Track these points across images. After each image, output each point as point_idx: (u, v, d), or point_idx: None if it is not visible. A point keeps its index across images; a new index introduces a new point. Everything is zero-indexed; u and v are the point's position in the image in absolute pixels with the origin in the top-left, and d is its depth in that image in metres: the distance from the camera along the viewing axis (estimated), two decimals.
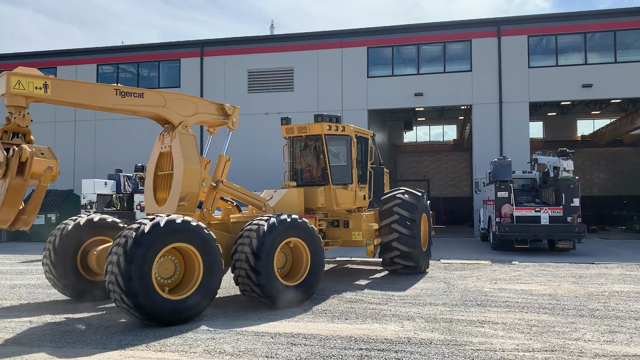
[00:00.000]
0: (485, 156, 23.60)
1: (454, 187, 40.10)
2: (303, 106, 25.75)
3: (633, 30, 24.28)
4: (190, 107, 9.28)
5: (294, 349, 6.24)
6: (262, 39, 28.36)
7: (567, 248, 17.09)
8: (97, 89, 8.18)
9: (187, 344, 6.52)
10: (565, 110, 35.53)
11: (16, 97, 7.04)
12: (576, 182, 16.89)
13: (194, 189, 8.94)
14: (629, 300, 9.18)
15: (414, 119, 37.15)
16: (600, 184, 38.03)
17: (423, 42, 26.20)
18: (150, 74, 29.67)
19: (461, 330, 7.10)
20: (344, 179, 11.43)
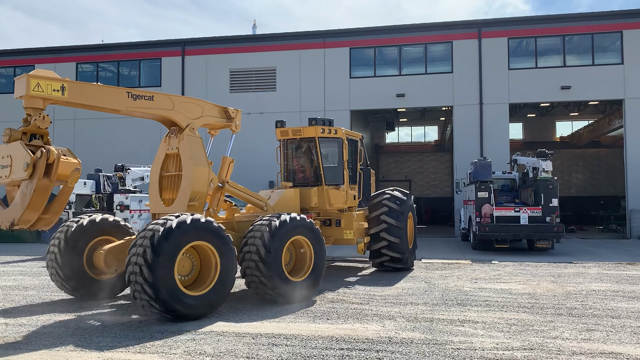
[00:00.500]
0: (466, 157, 23.82)
1: (435, 187, 40.40)
2: (285, 106, 25.74)
3: (610, 34, 24.73)
4: (197, 110, 9.51)
5: (275, 350, 6.22)
6: (244, 39, 28.26)
7: (546, 248, 17.32)
8: (111, 91, 8.35)
9: (167, 345, 6.45)
10: (545, 111, 36.00)
11: (35, 99, 7.20)
12: (555, 182, 17.12)
13: (203, 189, 9.19)
14: (606, 298, 9.33)
15: (396, 120, 37.33)
16: (579, 185, 38.63)
17: (405, 44, 26.36)
18: (130, 73, 29.37)
19: (442, 329, 7.14)
20: (336, 180, 11.84)
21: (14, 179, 7.11)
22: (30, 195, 6.97)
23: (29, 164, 6.90)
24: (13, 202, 7.26)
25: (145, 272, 7.11)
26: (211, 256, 7.96)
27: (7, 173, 7.11)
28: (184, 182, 9.05)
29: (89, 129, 28.01)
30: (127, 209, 17.17)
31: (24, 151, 6.98)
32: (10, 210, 7.22)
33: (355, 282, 11.26)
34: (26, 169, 6.89)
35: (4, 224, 7.24)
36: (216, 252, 7.93)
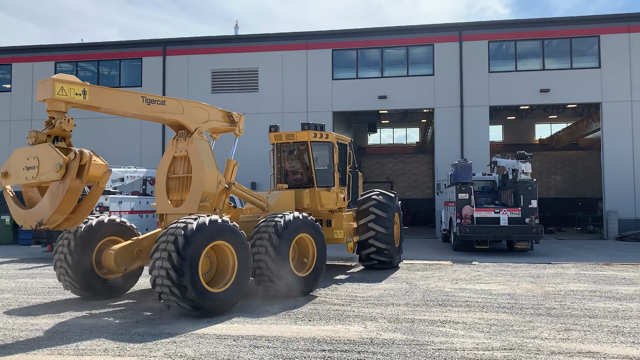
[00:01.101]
0: (446, 158, 24.03)
1: (417, 188, 40.65)
2: (268, 107, 25.70)
3: (587, 38, 25.16)
4: (204, 115, 9.81)
5: (256, 352, 6.19)
6: (226, 39, 28.13)
7: (525, 248, 17.52)
8: (127, 96, 8.59)
9: (147, 348, 6.39)
10: (524, 114, 36.48)
11: (58, 102, 7.42)
12: (534, 184, 17.33)
13: (212, 191, 9.52)
14: (584, 299, 9.47)
15: (378, 122, 37.49)
16: (557, 186, 39.19)
17: (387, 46, 26.49)
18: (111, 73, 29.03)
19: (423, 330, 7.18)
20: (327, 182, 12.38)
21: (44, 179, 7.22)
22: (62, 196, 7.11)
23: (62, 165, 7.06)
24: (40, 203, 7.35)
25: (172, 276, 7.43)
26: (229, 254, 8.35)
27: (34, 174, 7.24)
28: (194, 184, 9.32)
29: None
30: (106, 211, 16.93)
31: (54, 153, 7.14)
32: (37, 210, 7.31)
33: (338, 283, 11.27)
34: (58, 170, 7.04)
35: (29, 223, 7.34)
36: (234, 250, 8.32)
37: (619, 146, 24.22)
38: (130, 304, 9.17)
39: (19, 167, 7.40)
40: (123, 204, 17.72)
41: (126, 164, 21.98)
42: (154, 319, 7.91)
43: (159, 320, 7.85)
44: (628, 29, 24.49)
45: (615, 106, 24.37)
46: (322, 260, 10.15)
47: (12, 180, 7.52)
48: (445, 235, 21.61)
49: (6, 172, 7.54)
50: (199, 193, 9.24)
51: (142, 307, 8.89)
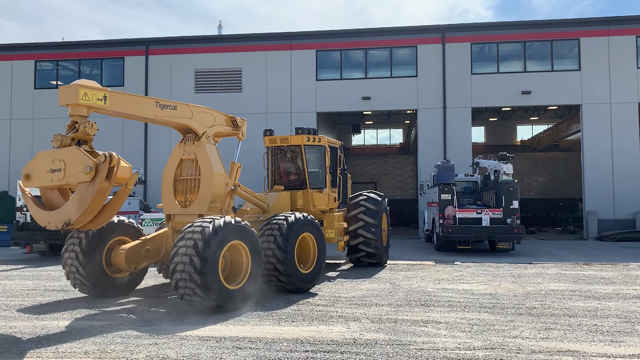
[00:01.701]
0: (429, 159, 24.17)
1: (400, 189, 40.82)
2: (251, 107, 25.60)
3: (568, 41, 25.50)
4: (210, 119, 10.19)
5: (239, 353, 6.17)
6: (209, 39, 27.97)
7: (506, 249, 17.70)
8: (143, 101, 8.99)
9: (128, 350, 6.33)
10: (506, 115, 36.85)
11: (81, 107, 7.73)
12: (515, 185, 17.50)
13: (221, 192, 9.94)
14: (564, 298, 9.60)
15: (362, 123, 37.56)
16: (538, 187, 39.64)
17: (371, 47, 26.58)
18: (92, 72, 28.66)
19: (405, 330, 7.22)
20: (319, 184, 12.96)
21: (71, 181, 7.47)
22: (91, 197, 7.40)
23: (92, 167, 7.33)
24: (67, 204, 7.61)
25: (195, 278, 7.80)
26: (243, 253, 8.78)
27: (60, 176, 7.47)
28: (203, 185, 9.67)
29: (47, 128, 27.22)
30: None
31: (83, 156, 7.42)
32: (64, 211, 7.56)
33: (322, 284, 11.27)
34: (88, 172, 7.32)
35: (54, 224, 7.59)
36: (248, 249, 8.77)
37: (599, 147, 24.59)
38: (112, 307, 9.07)
39: (42, 170, 7.62)
40: None
41: None
42: (136, 321, 7.84)
43: (140, 322, 7.78)
44: (607, 33, 24.89)
45: (595, 108, 24.75)
46: (322, 257, 10.74)
47: (35, 182, 7.74)
48: (428, 235, 21.74)
49: (28, 175, 7.76)
50: (209, 194, 9.61)
51: (124, 310, 8.80)
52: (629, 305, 8.88)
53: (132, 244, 9.73)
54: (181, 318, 8.00)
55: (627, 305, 8.93)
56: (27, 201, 8.07)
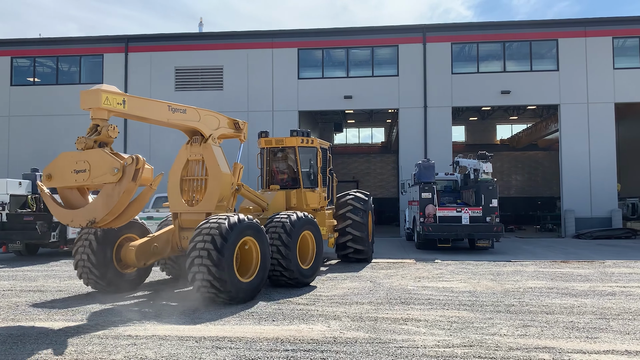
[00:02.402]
0: (410, 158, 24.33)
1: (382, 188, 41.03)
2: (233, 106, 25.47)
3: (546, 41, 25.86)
4: (215, 122, 10.68)
5: (219, 353, 6.14)
6: (190, 37, 27.78)
7: (486, 247, 17.90)
8: (157, 105, 9.34)
9: (106, 350, 6.25)
10: (486, 115, 37.24)
11: (102, 111, 8.08)
12: (495, 184, 17.69)
13: (228, 192, 10.43)
14: (541, 295, 9.74)
15: (344, 121, 37.65)
16: (517, 186, 40.16)
17: (352, 46, 26.64)
18: (70, 69, 28.27)
19: (385, 328, 7.26)
20: (311, 183, 13.55)
21: (97, 182, 7.83)
22: (117, 197, 7.79)
23: (119, 169, 7.73)
24: (92, 203, 8.03)
25: (213, 271, 8.25)
26: (253, 249, 9.32)
27: (85, 177, 7.81)
28: (211, 185, 10.13)
29: (24, 126, 26.82)
30: None
31: (110, 158, 7.80)
32: (89, 210, 7.94)
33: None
34: (115, 174, 7.70)
35: (78, 222, 7.98)
36: (258, 245, 9.31)
37: (576, 147, 24.99)
38: (89, 307, 8.96)
39: (65, 170, 7.94)
40: None
41: None
42: (114, 321, 7.74)
43: (119, 322, 7.69)
44: (584, 34, 25.29)
45: (573, 108, 25.14)
46: (320, 253, 11.29)
47: (56, 182, 8.04)
48: (409, 233, 21.87)
49: (50, 175, 8.04)
50: (217, 194, 10.08)
51: (103, 311, 8.69)
52: (604, 302, 9.04)
53: (141, 240, 10.09)
54: (159, 318, 7.93)
55: (603, 302, 9.09)
56: (47, 200, 8.36)
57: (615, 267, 13.81)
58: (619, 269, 13.33)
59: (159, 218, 15.78)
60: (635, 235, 23.89)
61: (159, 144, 25.03)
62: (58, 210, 8.18)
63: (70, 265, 14.86)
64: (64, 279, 12.17)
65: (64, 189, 8.22)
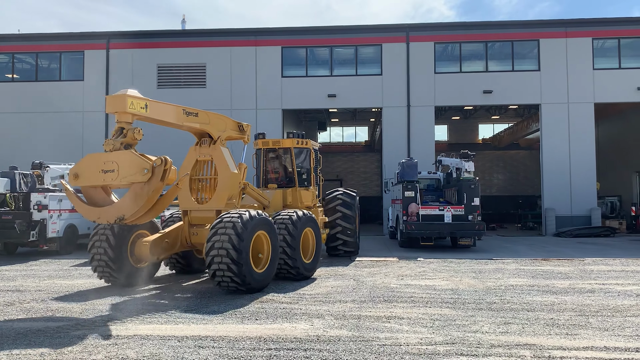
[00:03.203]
0: (394, 157, 24.42)
1: (366, 186, 41.14)
2: (216, 103, 25.26)
3: (528, 42, 26.13)
4: (223, 124, 11.23)
5: (201, 352, 6.10)
6: (173, 34, 27.55)
7: (468, 245, 18.04)
8: (173, 109, 9.96)
9: (86, 350, 6.17)
10: (468, 114, 37.56)
11: (127, 114, 8.62)
12: (477, 182, 17.84)
13: (236, 190, 11.11)
14: (522, 293, 9.84)
15: (327, 120, 37.64)
16: (499, 185, 40.56)
17: (336, 45, 26.63)
18: (50, 66, 27.86)
19: (368, 326, 7.27)
20: (305, 182, 14.30)
21: (127, 181, 8.33)
22: (147, 196, 8.31)
23: (149, 170, 8.23)
24: (121, 201, 8.56)
25: (232, 254, 8.99)
26: (264, 242, 10.05)
27: (113, 177, 8.32)
28: (221, 184, 10.78)
29: (3, 123, 26.34)
30: (45, 209, 16.22)
31: (139, 159, 8.32)
32: (119, 207, 8.49)
33: (286, 282, 11.24)
34: (145, 174, 8.21)
35: (106, 218, 8.52)
36: (269, 237, 10.06)
37: (557, 146, 25.31)
38: (69, 307, 8.84)
39: (92, 170, 8.44)
40: (63, 202, 17.03)
41: (67, 160, 21.19)
42: (96, 321, 7.65)
43: (100, 322, 7.60)
44: (565, 34, 25.61)
45: (554, 108, 25.45)
46: (320, 248, 12.12)
47: (83, 181, 8.55)
48: (392, 232, 21.96)
49: (77, 174, 8.54)
50: (226, 192, 10.76)
51: (84, 310, 8.58)
52: (583, 299, 9.17)
53: (154, 236, 10.62)
54: (140, 317, 7.85)
55: (582, 299, 9.22)
56: (72, 198, 8.84)
57: (595, 264, 14.02)
58: (598, 267, 13.53)
59: None
60: (613, 233, 24.28)
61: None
62: (84, 207, 8.72)
63: (50, 264, 14.67)
64: (43, 279, 11.99)
65: (89, 188, 8.71)
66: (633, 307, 8.55)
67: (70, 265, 14.47)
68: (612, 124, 32.89)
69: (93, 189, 8.77)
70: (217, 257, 9.08)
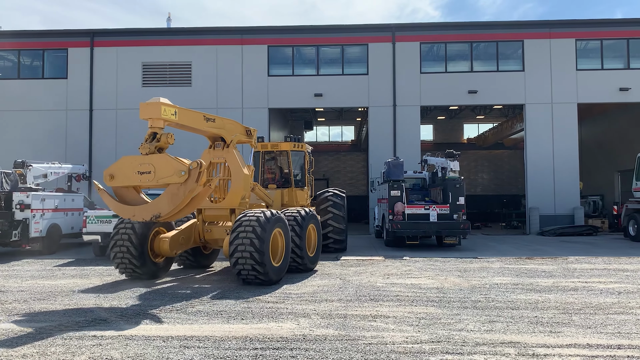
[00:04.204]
0: (380, 156, 24.50)
1: (352, 186, 41.20)
2: (201, 102, 25.15)
3: (512, 42, 26.37)
4: (235, 129, 12.08)
5: (186, 352, 6.06)
6: (158, 32, 27.34)
7: (453, 244, 18.13)
8: (197, 115, 10.78)
9: (69, 351, 6.10)
10: (453, 114, 37.78)
11: (160, 120, 9.32)
12: (462, 182, 17.94)
13: (248, 190, 12.09)
14: (507, 291, 9.93)
15: (314, 119, 37.61)
16: (484, 184, 40.87)
17: (323, 44, 26.63)
18: (33, 63, 27.48)
19: (355, 325, 7.28)
20: (300, 183, 15.56)
21: (163, 182, 9.06)
22: (183, 196, 9.07)
23: (186, 172, 8.93)
24: (158, 199, 9.25)
25: (255, 256, 9.89)
26: (279, 238, 10.92)
27: (150, 178, 9.02)
28: (235, 184, 11.63)
29: None
30: (27, 208, 16.00)
31: (175, 162, 9.03)
32: (155, 205, 9.21)
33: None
34: (182, 176, 8.93)
35: (142, 216, 9.22)
36: (283, 234, 11.00)
37: (541, 146, 25.57)
38: (51, 307, 8.74)
39: (128, 171, 9.12)
40: (46, 201, 16.84)
41: (50, 159, 20.94)
42: (79, 322, 7.57)
43: (84, 322, 7.52)
44: (549, 35, 25.88)
45: (538, 108, 25.70)
46: (320, 243, 13.27)
47: (118, 181, 9.20)
48: (378, 231, 22.02)
49: (112, 175, 9.18)
50: (240, 192, 11.64)
51: (66, 310, 8.48)
52: (567, 297, 9.27)
53: (172, 233, 11.44)
54: (124, 318, 7.78)
55: (565, 297, 9.33)
56: (105, 198, 9.46)
57: (578, 263, 14.19)
58: (581, 265, 13.70)
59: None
60: (596, 232, 24.59)
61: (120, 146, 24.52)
62: (118, 205, 9.34)
63: (32, 264, 14.49)
64: (25, 279, 11.84)
65: (121, 188, 9.36)
66: (615, 304, 8.67)
67: (53, 265, 14.31)
68: (596, 124, 33.33)
69: (125, 188, 9.39)
70: (241, 253, 9.89)
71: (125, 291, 10.12)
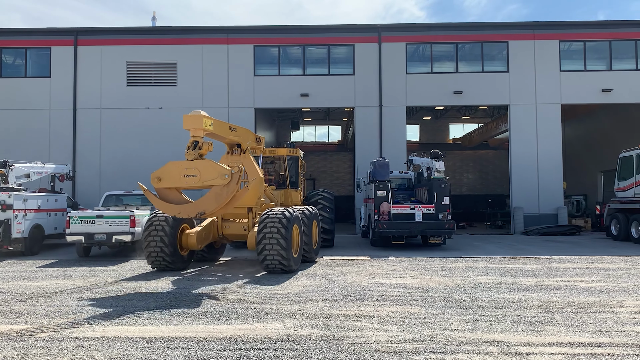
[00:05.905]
0: (366, 157, 24.55)
1: (338, 186, 41.25)
2: (187, 102, 25.02)
3: (497, 43, 26.57)
4: (248, 137, 13.70)
5: (170, 353, 6.02)
6: (143, 31, 27.14)
7: (438, 243, 18.21)
8: (225, 125, 12.35)
9: (51, 354, 6.03)
10: (439, 114, 37.98)
11: (200, 130, 10.66)
12: (447, 182, 18.03)
13: (262, 191, 13.78)
14: (491, 290, 10.00)
15: (300, 119, 37.58)
16: (469, 184, 41.15)
17: (309, 44, 26.62)
18: (15, 62, 27.10)
19: (339, 325, 7.29)
20: (295, 185, 17.07)
21: (208, 184, 10.42)
22: (227, 196, 10.41)
23: (229, 175, 10.28)
24: (203, 199, 10.56)
25: (282, 252, 11.54)
26: (295, 233, 12.31)
27: (195, 180, 10.35)
28: (252, 186, 12.49)
29: None
30: (9, 209, 15.78)
31: (219, 167, 10.38)
32: (201, 204, 10.52)
33: (257, 281, 11.20)
34: (226, 178, 10.27)
35: (187, 213, 10.62)
36: (299, 230, 12.67)
37: (525, 146, 25.80)
38: (34, 309, 8.63)
39: (174, 175, 10.46)
40: (29, 201, 16.62)
41: (33, 158, 20.68)
42: (61, 323, 7.49)
43: (66, 324, 7.44)
44: (533, 36, 26.12)
45: (522, 108, 25.93)
46: (320, 238, 15.26)
47: (165, 183, 10.49)
48: (364, 231, 22.06)
49: (159, 178, 10.46)
50: (257, 192, 13.21)
51: (46, 312, 8.38)
52: (550, 296, 9.37)
53: (197, 228, 12.89)
54: (108, 319, 7.71)
55: (548, 296, 9.43)
56: (151, 197, 10.79)
57: (561, 262, 14.34)
58: (564, 264, 13.85)
59: (110, 217, 15.36)
60: (579, 232, 24.88)
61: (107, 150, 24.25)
62: (164, 204, 10.64)
63: (14, 265, 14.30)
64: (7, 280, 11.68)
65: (165, 189, 10.61)
66: (597, 303, 8.78)
67: (35, 266, 14.13)
68: (580, 124, 33.72)
69: (169, 190, 10.65)
70: (270, 246, 11.46)
71: (109, 292, 10.04)
